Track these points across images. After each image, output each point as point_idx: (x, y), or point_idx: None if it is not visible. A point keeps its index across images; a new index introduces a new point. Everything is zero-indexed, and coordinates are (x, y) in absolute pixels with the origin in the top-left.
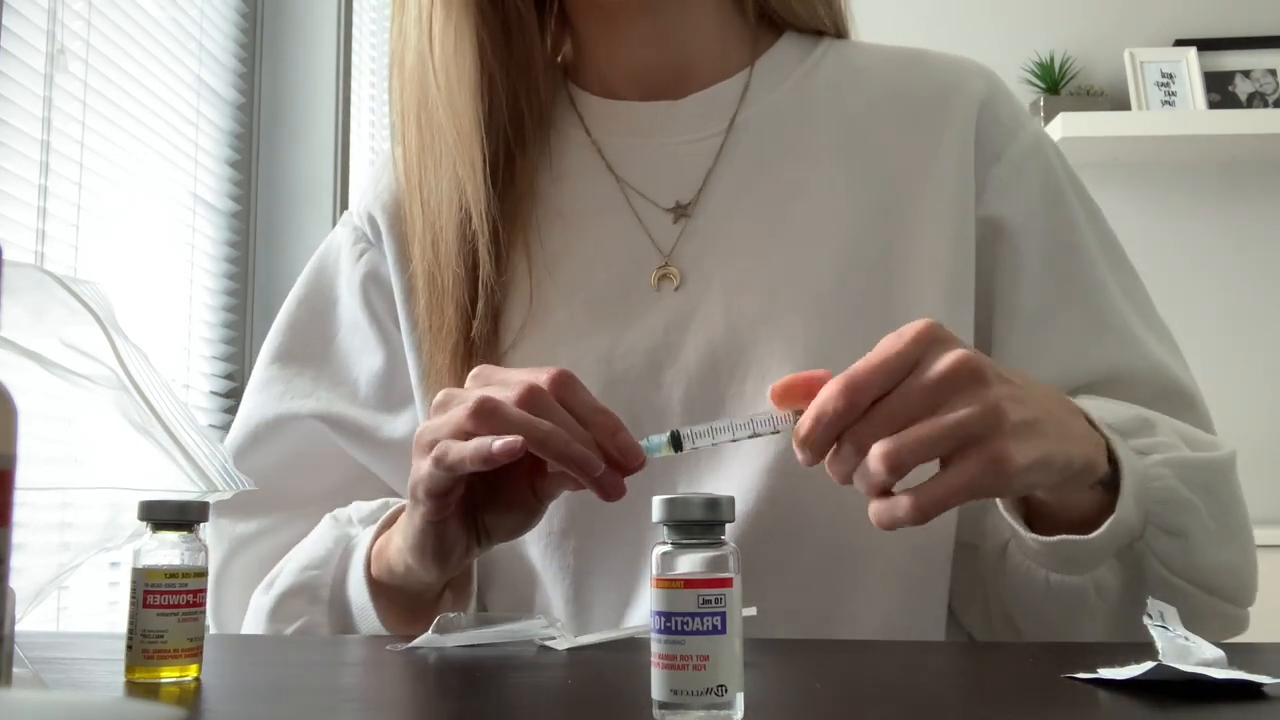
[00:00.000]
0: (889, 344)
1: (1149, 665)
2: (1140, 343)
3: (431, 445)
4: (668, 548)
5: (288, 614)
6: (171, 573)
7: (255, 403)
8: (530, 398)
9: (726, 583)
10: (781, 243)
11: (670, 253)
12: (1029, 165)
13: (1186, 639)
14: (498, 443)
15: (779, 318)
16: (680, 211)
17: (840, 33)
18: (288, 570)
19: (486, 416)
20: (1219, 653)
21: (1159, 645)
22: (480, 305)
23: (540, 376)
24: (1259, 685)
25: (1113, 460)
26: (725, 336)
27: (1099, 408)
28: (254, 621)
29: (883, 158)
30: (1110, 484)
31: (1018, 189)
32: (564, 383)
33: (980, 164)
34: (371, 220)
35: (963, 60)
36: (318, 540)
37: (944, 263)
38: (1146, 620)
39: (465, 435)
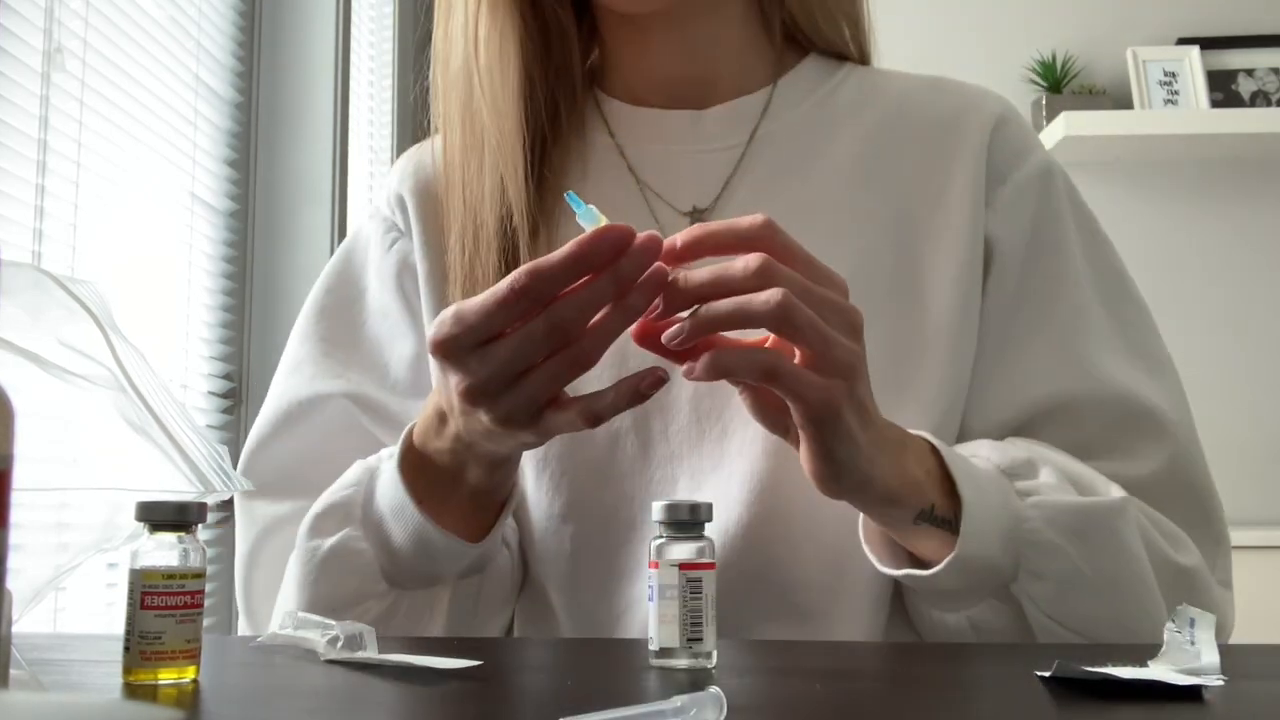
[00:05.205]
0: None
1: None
2: (1104, 372)
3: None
4: (662, 539)
5: (322, 530)
6: (169, 574)
7: (288, 384)
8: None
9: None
10: None
11: None
12: (1030, 190)
13: (1193, 643)
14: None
15: None
16: (697, 216)
17: (864, 58)
18: (318, 501)
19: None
20: (1214, 659)
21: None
22: None
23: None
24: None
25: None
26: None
27: (991, 446)
28: (294, 560)
29: (898, 176)
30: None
31: (1014, 213)
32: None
33: (989, 185)
34: (401, 202)
35: (980, 88)
36: (347, 473)
37: (954, 281)
38: (1170, 623)
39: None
